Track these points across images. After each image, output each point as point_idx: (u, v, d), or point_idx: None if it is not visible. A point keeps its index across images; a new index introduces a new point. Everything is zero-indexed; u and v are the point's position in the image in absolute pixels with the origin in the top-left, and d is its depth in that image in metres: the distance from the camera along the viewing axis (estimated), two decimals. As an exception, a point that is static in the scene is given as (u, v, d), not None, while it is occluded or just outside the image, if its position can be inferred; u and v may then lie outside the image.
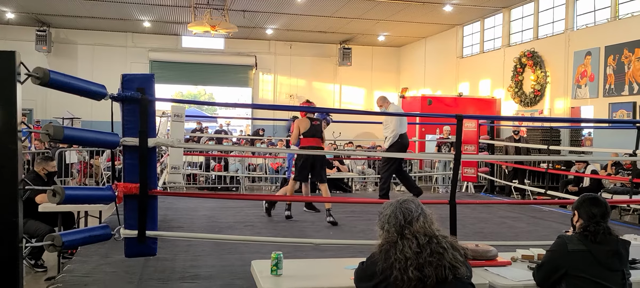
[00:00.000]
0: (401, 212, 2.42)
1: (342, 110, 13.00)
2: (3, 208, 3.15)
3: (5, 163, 3.15)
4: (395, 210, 2.44)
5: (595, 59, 12.43)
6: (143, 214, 3.72)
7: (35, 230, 5.45)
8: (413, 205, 2.45)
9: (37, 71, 3.23)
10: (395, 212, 2.43)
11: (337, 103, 21.61)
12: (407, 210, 2.42)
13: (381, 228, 2.47)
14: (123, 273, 4.46)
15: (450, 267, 2.31)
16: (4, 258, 3.15)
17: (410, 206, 2.44)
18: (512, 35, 16.01)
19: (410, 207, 2.44)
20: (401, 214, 2.41)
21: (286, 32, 19.62)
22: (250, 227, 6.72)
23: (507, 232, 6.68)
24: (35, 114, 18.84)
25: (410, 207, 2.44)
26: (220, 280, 4.36)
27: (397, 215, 2.42)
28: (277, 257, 2.93)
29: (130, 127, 3.70)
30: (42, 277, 5.36)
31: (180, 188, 10.53)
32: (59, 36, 19.63)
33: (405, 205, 2.44)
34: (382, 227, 2.46)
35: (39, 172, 5.97)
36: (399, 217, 2.41)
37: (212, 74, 21.30)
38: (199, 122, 18.44)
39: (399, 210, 2.43)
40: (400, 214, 2.42)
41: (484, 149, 11.69)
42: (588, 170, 9.87)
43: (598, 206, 2.90)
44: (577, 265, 2.75)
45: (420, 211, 2.43)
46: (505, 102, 15.85)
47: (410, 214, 2.41)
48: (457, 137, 4.61)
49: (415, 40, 20.63)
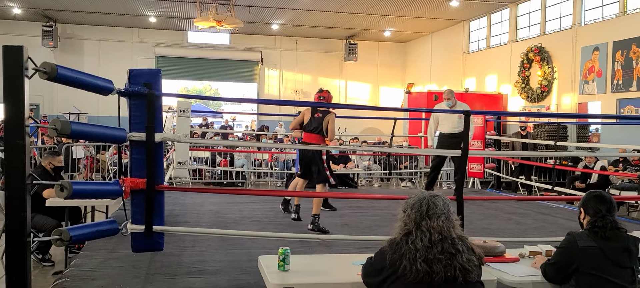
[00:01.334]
0: (426, 203, 2.43)
1: (350, 106, 12.97)
2: (11, 203, 3.15)
3: (13, 158, 3.15)
4: (422, 200, 2.45)
5: (603, 54, 12.35)
6: (150, 209, 3.71)
7: (42, 225, 5.47)
8: (441, 202, 2.45)
9: (44, 66, 3.22)
10: (421, 201, 2.45)
11: (343, 98, 21.59)
12: (433, 204, 2.43)
13: (403, 211, 2.48)
14: (130, 268, 4.47)
15: (461, 269, 2.32)
16: (12, 252, 3.15)
17: (438, 202, 2.45)
18: (519, 31, 15.92)
19: (437, 202, 2.44)
20: (426, 205, 2.43)
21: (292, 27, 19.59)
22: (256, 222, 6.72)
23: (514, 228, 6.65)
24: (42, 109, 18.92)
25: (438, 203, 2.44)
26: (227, 275, 4.36)
27: (421, 205, 2.43)
28: (284, 252, 2.93)
29: (137, 122, 3.69)
30: (49, 271, 5.38)
31: (186, 183, 10.55)
32: (66, 32, 19.69)
33: (433, 199, 2.45)
34: (405, 210, 2.48)
35: (46, 166, 5.99)
36: (423, 207, 2.42)
37: (218, 69, 21.32)
38: (205, 118, 18.46)
39: (425, 202, 2.44)
40: (425, 205, 2.43)
41: (491, 145, 11.64)
42: (596, 166, 9.82)
43: (603, 202, 2.90)
44: (587, 262, 2.74)
45: (445, 211, 2.43)
46: (511, 97, 15.78)
47: (434, 209, 2.41)
48: (465, 132, 4.59)
49: (422, 36, 20.55)
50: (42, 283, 4.72)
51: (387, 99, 21.84)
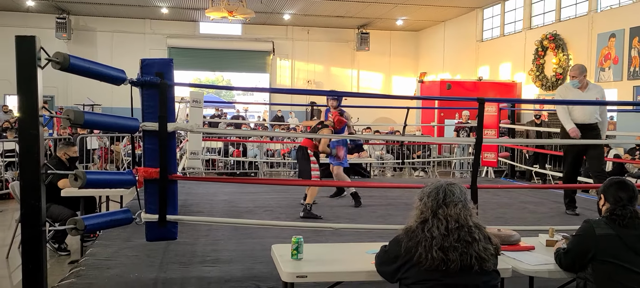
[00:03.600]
0: (443, 191, 2.42)
1: (362, 94, 12.93)
2: (27, 193, 3.18)
3: (28, 148, 3.17)
4: (438, 188, 2.44)
5: (620, 41, 12.15)
6: (163, 199, 3.73)
7: (58, 215, 5.53)
8: (458, 190, 2.44)
9: (57, 56, 3.24)
10: (438, 189, 2.44)
11: (355, 88, 21.52)
12: (450, 192, 2.42)
13: (420, 200, 2.47)
14: (144, 257, 4.50)
15: (477, 258, 2.31)
16: (28, 241, 3.19)
17: (455, 190, 2.43)
18: (533, 18, 15.71)
19: (454, 190, 2.43)
20: (443, 193, 2.42)
21: (304, 17, 19.52)
22: (269, 211, 6.73)
23: (529, 217, 6.59)
24: (56, 101, 19.09)
25: (455, 190, 2.43)
26: (240, 264, 4.38)
27: (438, 193, 2.42)
28: (297, 241, 2.92)
29: (149, 112, 3.69)
30: (65, 260, 5.44)
31: (199, 173, 10.59)
32: (79, 23, 19.80)
33: (450, 187, 2.44)
34: (421, 199, 2.46)
35: (61, 157, 6.04)
36: (440, 195, 2.41)
37: (230, 59, 21.33)
38: (218, 108, 18.50)
39: (442, 190, 2.43)
40: (442, 193, 2.42)
41: (505, 134, 11.53)
42: (611, 154, 9.69)
43: (625, 190, 2.83)
44: (605, 250, 2.69)
45: (461, 199, 2.42)
46: (526, 86, 15.62)
47: (451, 197, 2.40)
48: (479, 120, 4.54)
49: (434, 24, 20.38)
50: (58, 272, 4.77)
51: (399, 89, 21.73)
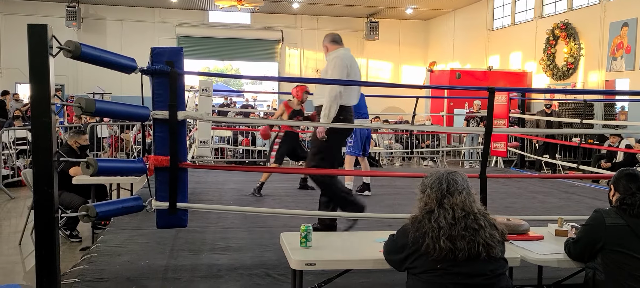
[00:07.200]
0: (446, 180, 2.42)
1: (371, 83, 12.88)
2: (40, 180, 3.21)
3: (40, 136, 3.21)
4: (441, 178, 2.43)
5: (632, 30, 12.01)
6: (173, 186, 3.75)
7: (70, 202, 5.59)
8: (460, 178, 2.44)
9: (68, 44, 3.26)
10: (441, 179, 2.43)
11: (364, 77, 21.44)
12: (453, 180, 2.42)
13: (422, 192, 2.46)
14: (155, 244, 4.55)
15: (484, 245, 2.31)
16: (41, 227, 3.23)
17: (457, 178, 2.43)
18: (544, 7, 15.55)
19: (456, 179, 2.43)
20: (446, 183, 2.41)
21: (312, 5, 19.45)
22: (278, 200, 6.77)
23: (538, 207, 6.58)
24: (67, 89, 19.19)
25: (457, 179, 2.43)
26: (250, 252, 4.41)
27: (441, 183, 2.42)
28: (306, 230, 2.94)
29: (160, 100, 3.71)
30: (77, 247, 5.50)
31: (208, 162, 10.64)
32: (89, 12, 19.85)
33: (452, 176, 2.44)
34: (424, 190, 2.46)
35: (72, 145, 6.10)
36: (443, 185, 2.41)
37: (239, 48, 21.31)
38: (227, 97, 18.53)
39: (445, 179, 2.42)
40: (445, 183, 2.41)
41: (514, 123, 11.47)
42: (622, 144, 9.61)
43: (635, 180, 2.84)
44: (614, 240, 2.69)
45: (465, 186, 2.42)
46: (536, 75, 15.49)
47: (454, 185, 2.40)
48: (489, 110, 4.52)
49: (444, 13, 20.22)
50: (70, 258, 4.83)
51: (409, 78, 21.62)
